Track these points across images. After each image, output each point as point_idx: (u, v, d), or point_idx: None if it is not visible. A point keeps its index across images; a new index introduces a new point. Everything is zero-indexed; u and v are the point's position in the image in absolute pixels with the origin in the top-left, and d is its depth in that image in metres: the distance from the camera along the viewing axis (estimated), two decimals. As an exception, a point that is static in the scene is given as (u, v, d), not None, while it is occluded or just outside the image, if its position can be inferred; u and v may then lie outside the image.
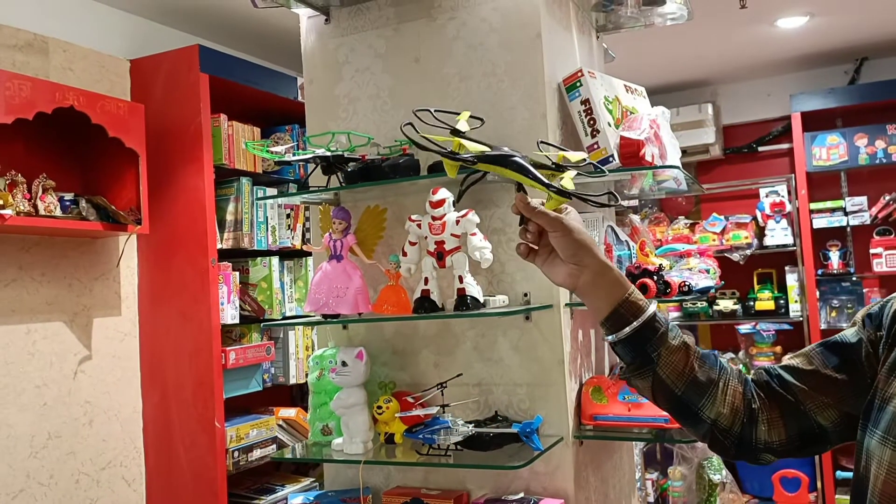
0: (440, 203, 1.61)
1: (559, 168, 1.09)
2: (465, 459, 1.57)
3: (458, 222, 1.60)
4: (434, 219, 1.62)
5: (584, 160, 1.16)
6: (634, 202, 4.66)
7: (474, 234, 1.59)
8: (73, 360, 2.73)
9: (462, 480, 1.76)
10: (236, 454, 2.88)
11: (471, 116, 1.12)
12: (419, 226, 1.63)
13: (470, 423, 1.59)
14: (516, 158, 1.05)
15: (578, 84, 1.76)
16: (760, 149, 4.81)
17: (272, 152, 1.72)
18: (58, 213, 2.50)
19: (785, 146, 4.65)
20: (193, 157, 2.83)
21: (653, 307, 1.05)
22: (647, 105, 1.98)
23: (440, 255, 1.60)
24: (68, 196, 2.57)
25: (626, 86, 1.91)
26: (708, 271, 1.85)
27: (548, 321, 1.69)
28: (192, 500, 2.85)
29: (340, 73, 1.95)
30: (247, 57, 3.34)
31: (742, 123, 4.84)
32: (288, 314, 3.21)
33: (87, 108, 2.53)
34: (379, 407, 1.68)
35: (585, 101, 1.75)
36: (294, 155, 1.73)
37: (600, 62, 2.23)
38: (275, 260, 3.13)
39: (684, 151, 4.79)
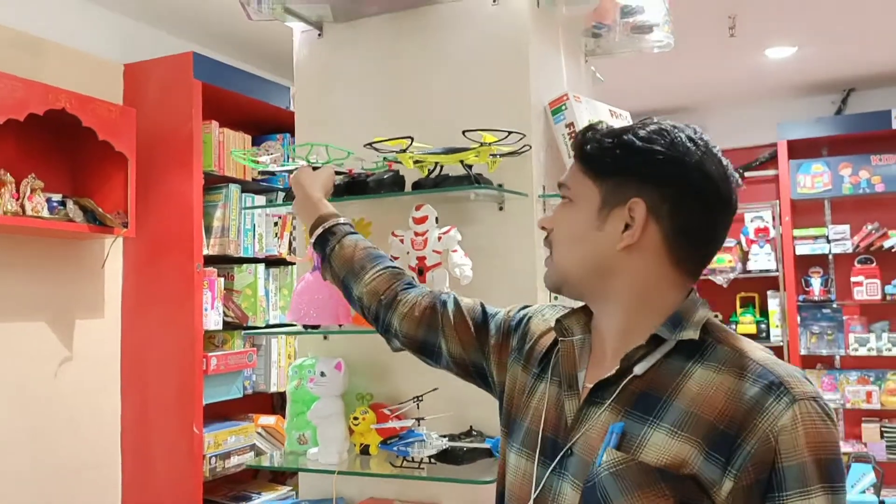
0: (423, 219, 1.63)
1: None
2: (438, 473, 1.59)
3: (440, 239, 1.62)
4: (416, 234, 1.64)
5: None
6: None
7: (455, 251, 1.62)
8: (54, 360, 2.73)
9: (435, 494, 1.77)
10: (213, 460, 2.88)
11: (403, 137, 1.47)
12: (402, 241, 1.66)
13: (444, 436, 1.61)
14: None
15: (564, 107, 1.80)
16: (747, 174, 4.87)
17: (257, 162, 1.74)
18: (45, 213, 2.51)
19: (771, 172, 4.71)
20: (183, 162, 2.85)
21: (339, 220, 1.41)
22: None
23: (421, 271, 1.63)
24: (56, 197, 2.58)
25: (610, 110, 1.95)
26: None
27: (525, 339, 1.71)
28: (168, 503, 2.85)
29: (331, 87, 1.98)
30: (240, 65, 3.37)
31: (730, 149, 4.90)
32: (272, 322, 3.22)
33: (79, 111, 2.55)
34: (355, 418, 1.70)
35: (570, 125, 1.78)
36: (281, 165, 1.75)
37: (588, 86, 2.27)
38: (260, 267, 3.15)
39: (672, 174, 4.86)
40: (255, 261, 3.18)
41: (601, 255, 1.00)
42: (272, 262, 3.27)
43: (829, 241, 4.38)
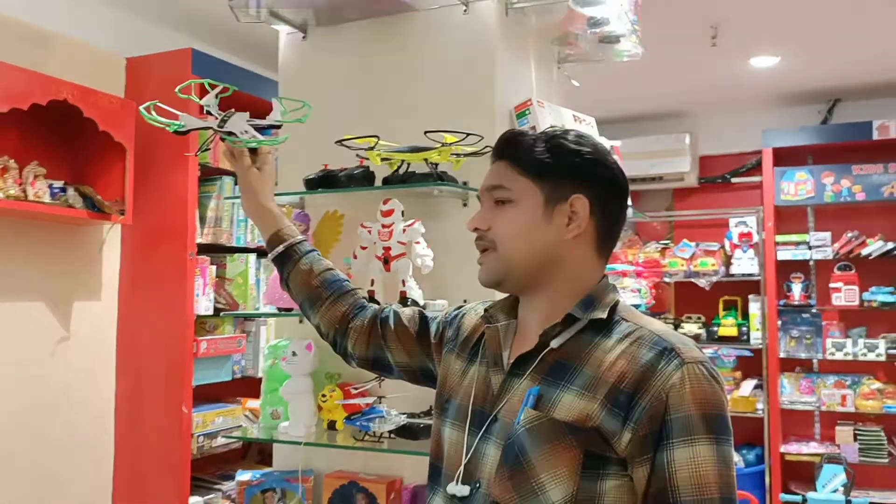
0: (389, 213, 1.76)
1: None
2: (396, 446, 1.72)
3: (404, 231, 1.75)
4: (383, 226, 1.77)
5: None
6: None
7: (418, 243, 1.75)
8: (52, 340, 2.87)
9: (398, 468, 1.91)
10: (201, 439, 3.02)
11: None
12: (370, 232, 1.79)
13: (405, 414, 1.74)
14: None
15: (527, 112, 1.93)
16: (734, 180, 4.98)
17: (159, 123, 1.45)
18: (46, 199, 2.65)
19: (757, 179, 4.81)
20: (179, 154, 2.98)
21: (295, 239, 1.46)
22: (593, 134, 2.13)
23: (386, 260, 1.76)
24: (57, 184, 2.72)
25: (574, 115, 2.07)
26: (639, 291, 2.00)
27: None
28: (157, 480, 2.99)
29: (313, 87, 2.11)
30: (237, 61, 3.50)
31: (718, 155, 5.01)
32: (262, 310, 3.35)
33: (80, 102, 2.69)
34: (324, 395, 1.83)
35: (532, 128, 1.90)
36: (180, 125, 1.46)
37: (561, 91, 2.39)
38: (252, 257, 3.28)
39: (661, 178, 4.97)
40: (247, 251, 3.32)
41: (551, 246, 1.15)
42: (263, 252, 3.38)
43: (810, 248, 4.48)
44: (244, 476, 1.94)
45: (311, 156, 1.98)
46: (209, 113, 1.52)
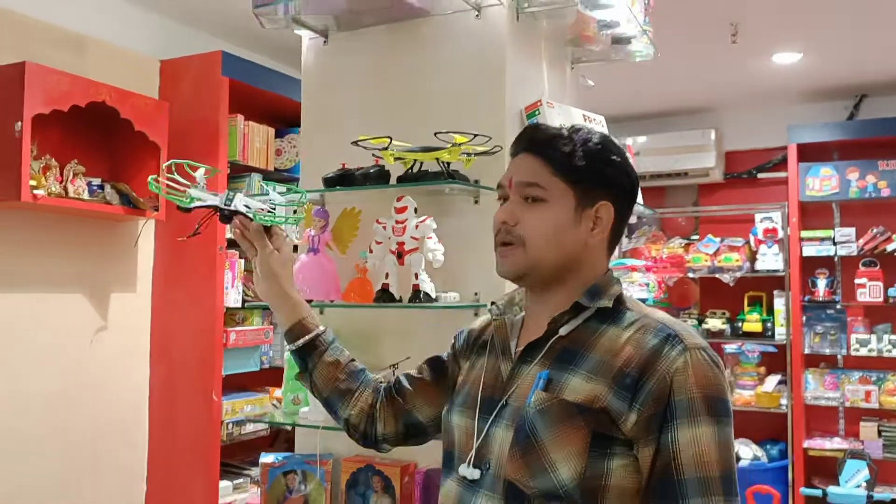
0: (403, 209, 1.85)
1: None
2: (408, 432, 1.80)
3: (417, 227, 1.84)
4: (397, 222, 1.86)
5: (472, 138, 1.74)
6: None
7: (430, 238, 1.83)
8: (90, 330, 3.02)
9: (412, 452, 1.99)
10: (230, 426, 3.16)
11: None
12: (384, 227, 1.88)
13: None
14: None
15: (537, 112, 2.00)
16: (760, 176, 4.98)
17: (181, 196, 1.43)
18: (85, 196, 2.79)
19: (783, 174, 4.81)
20: (210, 152, 3.11)
21: (319, 330, 1.41)
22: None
23: (400, 255, 1.85)
24: (96, 181, 2.86)
25: (584, 115, 2.14)
26: (647, 285, 2.07)
27: (494, 318, 1.92)
28: (189, 464, 3.13)
29: (334, 90, 2.21)
30: (265, 62, 3.62)
31: (744, 150, 5.02)
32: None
33: (118, 104, 2.82)
34: (341, 383, 1.93)
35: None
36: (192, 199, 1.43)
37: (575, 92, 2.46)
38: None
39: (686, 173, 4.99)
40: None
41: (575, 248, 1.21)
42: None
43: (835, 244, 4.48)
44: (267, 458, 2.04)
45: (330, 155, 2.07)
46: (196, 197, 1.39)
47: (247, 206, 1.38)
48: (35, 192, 2.56)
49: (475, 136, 1.77)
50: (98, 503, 3.00)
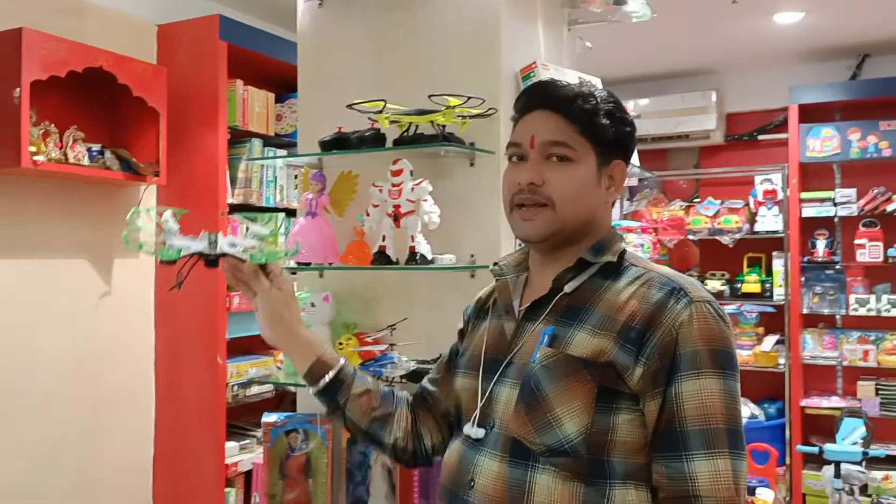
0: (398, 172, 1.87)
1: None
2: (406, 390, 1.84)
3: (413, 189, 1.86)
4: (393, 185, 1.88)
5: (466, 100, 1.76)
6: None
7: (426, 201, 1.85)
8: (95, 295, 3.06)
9: (411, 412, 2.04)
10: (235, 388, 3.21)
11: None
12: (381, 190, 1.90)
13: (414, 360, 1.87)
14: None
15: (532, 74, 2.00)
16: (760, 137, 4.97)
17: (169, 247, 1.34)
18: (85, 161, 2.81)
19: (784, 136, 4.79)
20: (210, 117, 3.12)
21: (340, 363, 1.34)
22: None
23: (396, 217, 1.87)
24: (96, 147, 2.88)
25: (579, 77, 2.14)
26: (642, 246, 2.09)
27: (489, 279, 1.94)
28: (195, 426, 3.19)
29: (329, 53, 2.21)
30: (264, 26, 3.61)
31: (745, 112, 4.99)
32: (290, 266, 3.50)
33: (115, 69, 2.82)
34: (340, 343, 1.97)
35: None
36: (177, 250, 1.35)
37: (572, 53, 2.46)
38: (280, 216, 3.42)
39: (687, 136, 4.98)
40: (276, 210, 3.46)
41: (595, 207, 1.23)
42: (292, 211, 3.53)
43: (835, 205, 4.48)
44: (270, 418, 2.09)
45: (327, 119, 2.08)
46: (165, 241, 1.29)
47: (232, 245, 1.30)
48: (35, 158, 2.57)
49: (468, 98, 1.78)
50: (106, 466, 3.06)
